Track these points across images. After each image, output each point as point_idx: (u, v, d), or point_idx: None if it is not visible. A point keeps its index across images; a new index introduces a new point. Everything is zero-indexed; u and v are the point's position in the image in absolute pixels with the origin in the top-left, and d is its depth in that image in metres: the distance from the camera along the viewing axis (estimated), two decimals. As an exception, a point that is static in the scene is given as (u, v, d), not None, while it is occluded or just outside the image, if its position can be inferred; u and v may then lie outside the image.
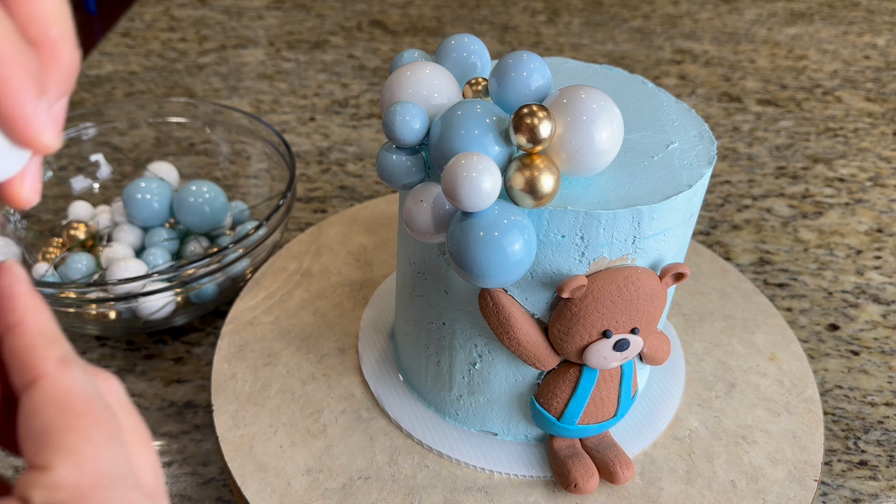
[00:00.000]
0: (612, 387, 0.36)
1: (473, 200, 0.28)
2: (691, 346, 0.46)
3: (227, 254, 0.46)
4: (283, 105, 0.75)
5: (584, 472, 0.36)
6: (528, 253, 0.29)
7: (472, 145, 0.29)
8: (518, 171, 0.29)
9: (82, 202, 0.57)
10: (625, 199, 0.31)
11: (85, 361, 0.19)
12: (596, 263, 0.32)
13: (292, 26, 0.90)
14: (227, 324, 0.46)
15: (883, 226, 0.61)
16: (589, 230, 0.31)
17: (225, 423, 0.40)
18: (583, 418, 0.36)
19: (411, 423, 0.40)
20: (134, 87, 0.78)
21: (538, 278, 0.32)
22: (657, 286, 0.33)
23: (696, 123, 0.36)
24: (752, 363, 0.45)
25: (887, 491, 0.42)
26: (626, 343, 0.33)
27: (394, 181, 0.32)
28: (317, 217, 0.61)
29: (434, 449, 0.39)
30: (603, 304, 0.32)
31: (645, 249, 0.32)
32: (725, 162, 0.69)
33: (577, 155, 0.29)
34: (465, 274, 0.30)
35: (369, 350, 0.44)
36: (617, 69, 0.39)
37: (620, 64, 0.84)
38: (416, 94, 0.31)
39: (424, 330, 0.38)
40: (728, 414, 0.42)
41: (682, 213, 0.33)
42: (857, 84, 0.81)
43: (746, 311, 0.48)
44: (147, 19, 0.91)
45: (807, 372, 0.44)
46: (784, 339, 0.46)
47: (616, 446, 0.38)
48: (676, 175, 0.32)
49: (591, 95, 0.29)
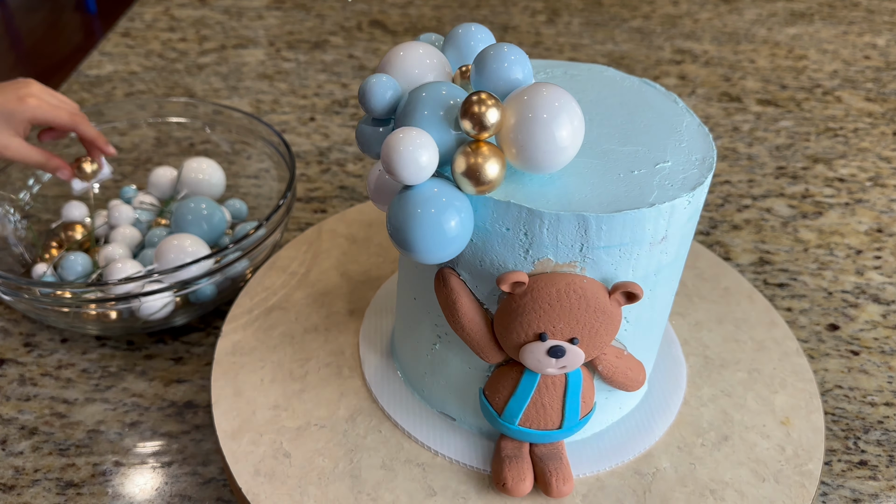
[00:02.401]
0: (554, 395, 0.35)
1: (408, 173, 0.29)
2: (699, 390, 0.43)
3: (227, 254, 0.46)
4: (283, 105, 0.75)
5: (518, 474, 0.36)
6: (463, 231, 0.30)
7: (428, 124, 0.30)
8: (462, 155, 0.29)
9: (77, 202, 0.57)
10: (574, 204, 0.30)
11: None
12: (541, 264, 0.32)
13: (292, 26, 0.90)
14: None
15: (883, 226, 0.61)
16: (532, 228, 0.31)
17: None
18: (524, 420, 0.36)
19: (380, 390, 0.42)
20: (134, 87, 0.78)
21: (486, 268, 0.33)
22: (604, 301, 0.32)
23: (704, 149, 0.34)
24: (758, 422, 0.41)
25: (887, 491, 0.42)
26: (561, 350, 0.33)
27: (367, 150, 0.34)
28: (317, 217, 0.61)
29: (392, 418, 0.41)
30: (541, 305, 0.32)
31: (595, 261, 0.32)
32: (725, 162, 0.69)
33: (526, 149, 0.29)
34: (400, 247, 0.31)
35: (373, 327, 0.46)
36: (655, 84, 0.38)
37: (620, 64, 0.84)
38: (406, 71, 0.32)
39: (405, 306, 0.39)
40: (706, 464, 0.39)
41: (645, 233, 0.31)
42: (857, 84, 0.81)
43: (778, 369, 0.44)
44: (147, 19, 0.91)
45: (818, 447, 0.40)
46: (808, 407, 0.42)
47: (562, 460, 0.37)
48: (645, 193, 0.31)
49: (552, 93, 0.29)
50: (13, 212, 0.56)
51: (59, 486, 0.41)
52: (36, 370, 0.48)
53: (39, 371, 0.48)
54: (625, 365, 0.36)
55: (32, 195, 0.57)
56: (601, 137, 0.34)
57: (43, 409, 0.45)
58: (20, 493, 0.41)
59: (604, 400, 0.38)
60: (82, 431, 0.44)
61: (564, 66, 0.40)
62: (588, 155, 0.33)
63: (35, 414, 0.45)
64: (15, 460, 0.42)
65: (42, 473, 0.42)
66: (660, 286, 0.35)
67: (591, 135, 0.34)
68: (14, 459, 0.43)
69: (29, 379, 0.47)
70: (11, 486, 0.41)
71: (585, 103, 0.36)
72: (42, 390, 0.46)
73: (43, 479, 0.42)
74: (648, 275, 0.33)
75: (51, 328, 0.50)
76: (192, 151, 0.63)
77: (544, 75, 0.39)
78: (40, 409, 0.45)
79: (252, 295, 0.48)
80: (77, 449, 0.43)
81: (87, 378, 0.47)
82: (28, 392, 0.46)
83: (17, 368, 0.48)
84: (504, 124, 0.29)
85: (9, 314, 0.51)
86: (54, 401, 0.46)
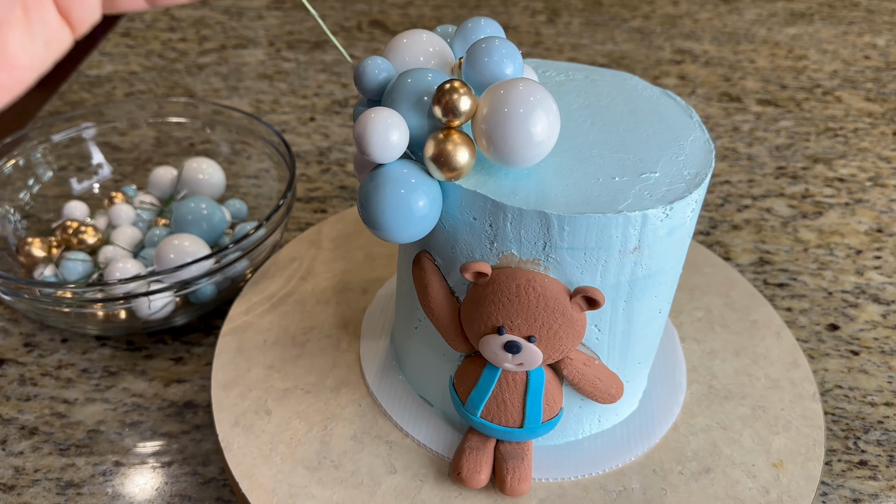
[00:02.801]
0: (515, 392, 0.35)
1: (377, 151, 0.29)
2: (693, 418, 0.41)
3: (227, 254, 0.46)
4: (283, 105, 0.75)
5: (475, 466, 0.36)
6: (429, 213, 0.30)
7: (408, 107, 0.30)
8: (433, 140, 0.30)
9: (77, 202, 0.57)
10: (541, 202, 0.30)
11: None
12: (505, 257, 0.32)
13: (292, 26, 0.90)
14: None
15: (883, 226, 0.61)
16: (497, 220, 0.31)
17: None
18: (486, 413, 0.36)
19: (370, 368, 0.43)
20: (134, 87, 0.78)
21: (456, 255, 0.33)
22: (564, 303, 0.32)
23: (701, 165, 0.33)
24: (748, 460, 0.39)
25: (887, 491, 0.42)
26: (516, 346, 0.33)
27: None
28: (317, 217, 0.61)
29: (373, 394, 0.41)
30: (500, 298, 0.32)
31: (559, 261, 0.31)
32: (725, 162, 0.69)
33: (495, 141, 0.29)
34: (367, 224, 0.31)
35: (379, 308, 0.47)
36: (676, 97, 0.37)
37: (620, 64, 0.84)
38: (406, 56, 0.33)
39: (399, 288, 0.40)
40: (679, 493, 0.37)
41: (612, 240, 0.31)
42: (857, 84, 0.81)
43: (787, 410, 0.42)
44: (147, 19, 0.91)
45: (806, 496, 0.38)
46: (808, 454, 0.39)
47: (524, 461, 0.37)
48: (618, 200, 0.30)
49: (528, 88, 0.29)
50: (13, 212, 0.56)
51: (59, 486, 0.41)
52: (36, 370, 0.48)
53: (39, 371, 0.48)
54: (593, 374, 0.35)
55: (32, 195, 0.57)
56: (595, 142, 0.34)
57: (43, 409, 0.45)
58: (20, 493, 0.41)
59: (577, 409, 0.38)
60: (82, 431, 0.44)
61: (587, 71, 0.39)
62: (573, 157, 0.33)
63: (35, 414, 0.45)
64: (15, 460, 0.42)
65: (42, 473, 0.42)
66: (637, 300, 0.34)
67: (585, 138, 0.34)
68: (14, 459, 0.43)
69: (29, 379, 0.47)
70: (11, 486, 0.41)
71: (595, 108, 0.36)
72: (42, 390, 0.47)
73: (43, 479, 0.42)
74: (621, 284, 0.33)
75: (51, 328, 0.50)
76: (192, 151, 0.63)
77: (565, 77, 0.38)
78: (40, 409, 0.45)
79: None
80: (77, 449, 0.43)
81: (87, 378, 0.47)
82: (28, 392, 0.46)
83: (17, 368, 0.48)
84: (477, 115, 0.29)
85: (9, 314, 0.51)
86: (54, 401, 0.46)
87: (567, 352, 0.34)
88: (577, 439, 0.39)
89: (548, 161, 0.32)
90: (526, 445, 0.38)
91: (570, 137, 0.34)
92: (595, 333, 0.35)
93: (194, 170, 0.57)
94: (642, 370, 0.39)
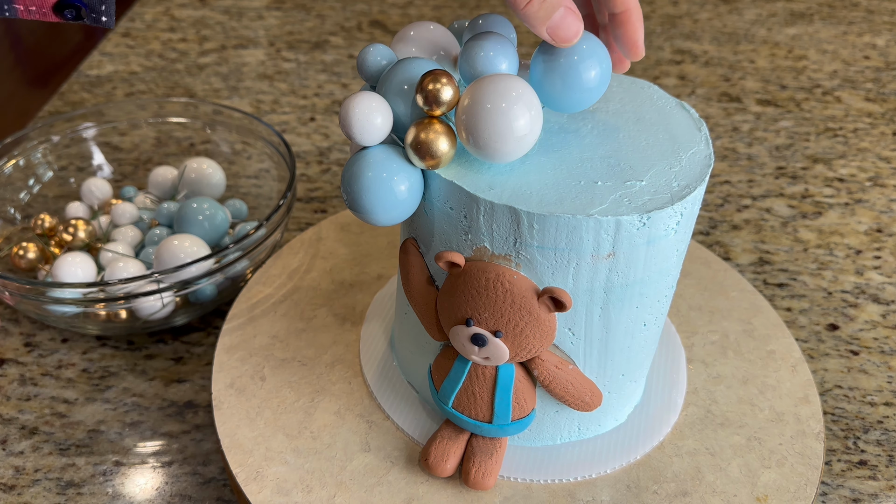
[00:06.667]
0: (484, 386, 0.35)
1: (360, 133, 0.30)
2: (682, 440, 0.40)
3: (227, 254, 0.46)
4: (283, 105, 0.75)
5: (442, 454, 0.37)
6: (409, 198, 0.31)
7: (397, 94, 0.31)
8: (414, 127, 0.30)
9: (77, 203, 0.57)
10: (514, 198, 0.30)
11: None
12: (479, 250, 0.32)
13: (292, 26, 0.90)
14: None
15: (882, 226, 0.61)
16: (471, 212, 0.31)
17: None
18: (457, 404, 0.37)
19: (366, 350, 0.44)
20: (134, 87, 0.78)
21: (435, 243, 0.34)
22: (531, 301, 0.32)
23: (693, 178, 0.32)
24: (730, 490, 0.37)
25: (887, 491, 0.42)
26: (482, 339, 0.33)
27: None
28: (317, 217, 0.61)
29: (364, 374, 0.43)
30: (470, 290, 0.32)
31: (529, 260, 0.31)
32: (725, 162, 0.69)
33: (474, 134, 0.29)
34: (349, 206, 0.32)
35: (388, 294, 0.48)
36: (690, 109, 0.36)
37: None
38: (413, 48, 0.34)
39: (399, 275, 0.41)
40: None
41: (583, 243, 0.30)
42: (856, 84, 0.81)
43: (785, 445, 0.40)
44: (147, 19, 0.91)
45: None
46: (797, 494, 0.37)
47: (494, 457, 0.37)
48: (594, 203, 0.30)
49: (511, 84, 0.29)
50: (13, 212, 0.56)
51: (59, 485, 0.41)
52: (36, 370, 0.48)
53: (40, 371, 0.48)
54: (566, 378, 0.35)
55: (32, 195, 0.57)
56: (589, 146, 0.33)
57: (43, 408, 0.45)
58: (20, 493, 0.41)
59: (553, 413, 0.38)
60: (82, 431, 0.44)
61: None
62: (561, 158, 0.33)
63: (35, 414, 0.45)
64: (15, 460, 0.43)
65: (42, 473, 0.42)
66: (615, 308, 0.34)
67: (581, 141, 0.34)
68: (14, 459, 0.43)
69: (29, 379, 0.47)
70: (11, 485, 0.41)
71: (601, 112, 0.36)
72: (42, 390, 0.47)
73: (43, 478, 0.42)
74: (595, 290, 0.33)
75: (51, 328, 0.50)
76: (192, 151, 0.63)
77: None
78: (40, 408, 0.45)
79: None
80: (77, 449, 0.43)
81: (87, 378, 0.47)
82: (28, 392, 0.46)
83: (18, 368, 0.48)
84: (459, 106, 0.30)
85: (9, 314, 0.51)
86: (54, 401, 0.46)
87: (537, 352, 0.34)
88: (555, 444, 0.39)
89: (533, 159, 0.32)
90: (498, 442, 0.38)
91: (564, 139, 0.34)
92: (569, 337, 0.34)
93: (195, 170, 0.57)
94: (626, 383, 0.39)
